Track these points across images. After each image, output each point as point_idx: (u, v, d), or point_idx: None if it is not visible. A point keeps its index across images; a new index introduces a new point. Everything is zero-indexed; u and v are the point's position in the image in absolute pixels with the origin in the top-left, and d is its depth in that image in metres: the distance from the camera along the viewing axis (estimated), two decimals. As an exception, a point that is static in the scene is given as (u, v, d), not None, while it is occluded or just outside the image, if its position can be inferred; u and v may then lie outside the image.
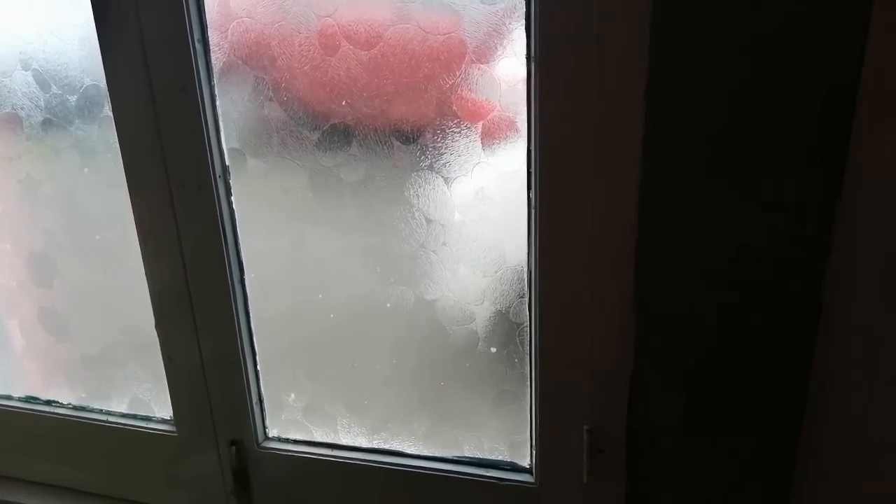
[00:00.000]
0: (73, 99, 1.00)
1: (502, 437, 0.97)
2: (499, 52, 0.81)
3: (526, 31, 0.78)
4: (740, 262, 0.76)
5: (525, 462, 0.96)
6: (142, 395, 1.14)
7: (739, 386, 0.81)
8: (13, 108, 1.04)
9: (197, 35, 0.88)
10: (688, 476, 0.86)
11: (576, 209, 0.80)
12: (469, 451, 0.99)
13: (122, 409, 1.15)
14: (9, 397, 1.22)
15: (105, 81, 0.94)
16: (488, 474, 0.96)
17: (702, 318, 0.80)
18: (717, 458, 0.85)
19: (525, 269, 0.88)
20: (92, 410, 1.17)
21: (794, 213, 0.73)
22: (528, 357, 0.91)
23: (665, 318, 0.81)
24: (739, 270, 0.77)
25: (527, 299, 0.89)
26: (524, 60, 0.79)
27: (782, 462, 0.82)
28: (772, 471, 0.83)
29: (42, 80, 1.01)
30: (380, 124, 0.87)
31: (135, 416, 1.14)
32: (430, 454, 1.00)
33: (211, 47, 0.90)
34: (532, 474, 0.95)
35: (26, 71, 1.01)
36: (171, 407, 1.09)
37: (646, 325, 0.82)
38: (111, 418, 1.14)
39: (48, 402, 1.20)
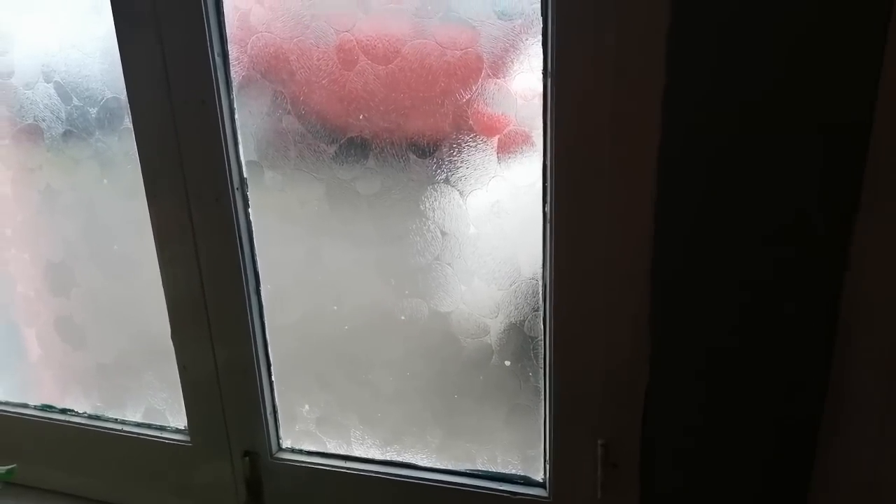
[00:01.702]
0: (93, 111, 1.01)
1: (516, 451, 0.97)
2: (515, 68, 0.82)
3: (543, 47, 0.78)
4: (756, 276, 0.76)
5: (538, 476, 0.96)
6: (157, 405, 1.14)
7: (755, 401, 0.81)
8: (35, 120, 1.05)
9: (217, 49, 0.89)
10: (702, 491, 0.86)
11: (591, 223, 0.80)
12: (482, 465, 0.99)
13: (137, 418, 1.16)
14: (25, 405, 1.23)
15: (125, 94, 0.95)
16: (501, 488, 0.96)
17: (718, 332, 0.80)
18: (732, 474, 0.84)
19: (540, 282, 0.88)
20: (107, 419, 1.18)
21: (811, 224, 0.73)
22: (543, 370, 0.91)
23: (680, 333, 0.81)
24: (755, 285, 0.77)
25: (541, 313, 0.89)
26: (541, 76, 0.80)
27: (798, 479, 0.82)
28: (788, 488, 0.82)
29: (63, 93, 1.02)
30: (396, 138, 0.88)
31: (149, 426, 1.15)
32: (443, 467, 1.00)
33: (230, 61, 0.91)
34: (545, 488, 0.95)
35: (48, 83, 1.03)
36: (185, 417, 1.09)
37: (660, 340, 0.82)
38: (126, 427, 1.15)
39: (64, 411, 1.21)
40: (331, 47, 0.87)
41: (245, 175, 0.95)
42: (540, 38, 0.79)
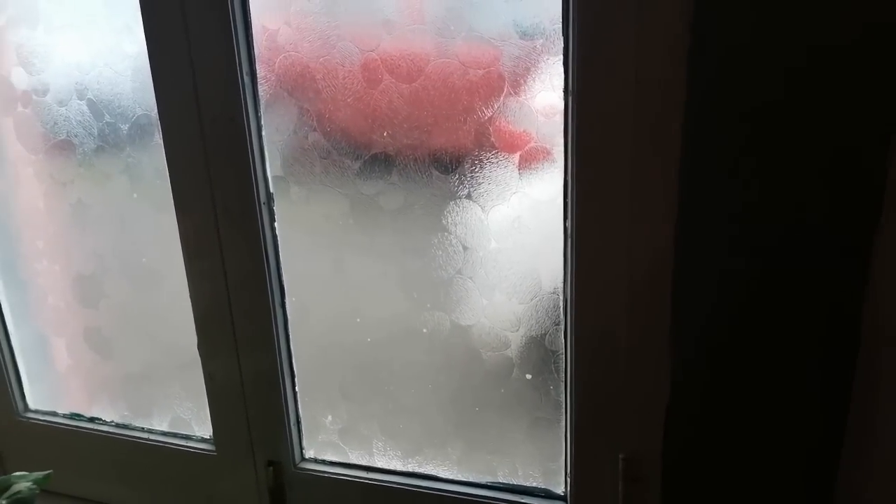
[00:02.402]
0: (125, 127, 1.04)
1: (537, 464, 0.97)
2: (536, 86, 0.83)
3: (564, 66, 0.80)
4: (780, 292, 0.77)
5: (559, 490, 0.96)
6: (183, 414, 1.16)
7: (778, 418, 0.81)
8: (68, 136, 1.09)
9: (245, 68, 0.92)
10: (724, 507, 0.86)
11: (612, 239, 0.81)
12: (503, 477, 1.00)
13: (164, 427, 1.18)
14: (54, 413, 1.26)
15: (156, 111, 0.98)
16: (522, 501, 0.96)
17: (739, 348, 0.80)
18: (755, 490, 0.84)
19: (561, 296, 0.89)
20: (134, 428, 1.20)
21: (833, 236, 0.74)
22: (564, 384, 0.92)
23: (702, 349, 0.81)
24: (778, 302, 0.77)
25: (562, 327, 0.90)
26: (562, 94, 0.81)
27: (822, 497, 0.82)
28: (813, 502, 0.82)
29: (96, 110, 1.05)
30: (419, 154, 0.90)
31: (175, 435, 1.17)
32: (464, 479, 1.01)
33: (258, 79, 0.93)
34: (566, 501, 0.95)
35: (81, 100, 1.06)
36: (210, 426, 1.11)
37: (682, 355, 0.82)
38: (153, 436, 1.17)
39: (92, 419, 1.23)
40: (356, 66, 0.89)
41: (271, 190, 0.97)
42: (561, 57, 0.80)
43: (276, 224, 0.99)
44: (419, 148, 0.90)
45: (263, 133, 0.95)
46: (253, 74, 0.93)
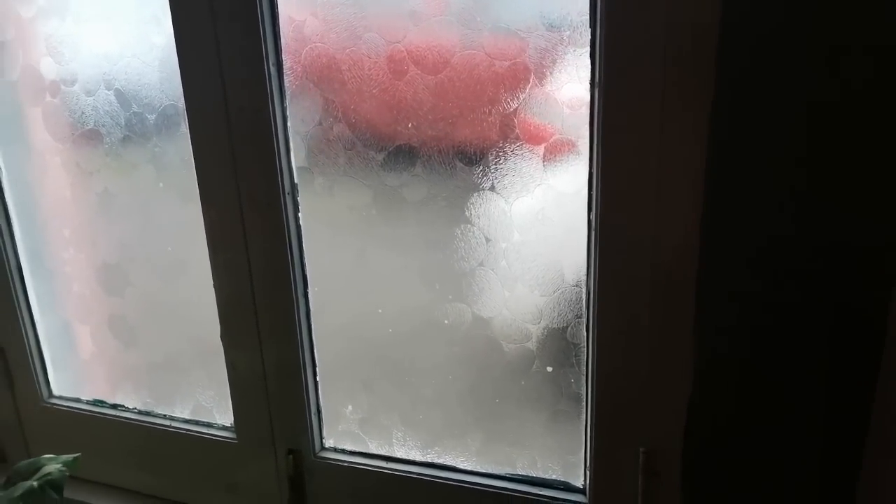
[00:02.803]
0: (151, 117, 1.05)
1: (556, 457, 0.98)
2: (562, 78, 0.83)
3: (591, 58, 0.80)
4: (803, 288, 0.76)
5: (578, 482, 0.97)
6: (205, 402, 1.18)
7: (800, 415, 0.81)
8: (95, 125, 1.10)
9: (272, 59, 0.92)
10: (745, 502, 0.86)
11: (636, 232, 0.81)
12: (522, 469, 1.00)
13: (186, 415, 1.20)
14: (78, 400, 1.28)
15: (183, 101, 0.99)
16: (541, 493, 0.97)
17: (763, 343, 0.80)
18: (775, 488, 0.84)
19: (583, 289, 0.89)
20: (156, 415, 1.21)
21: (864, 225, 0.73)
22: (585, 377, 0.92)
23: (725, 343, 0.81)
24: (803, 297, 0.77)
25: (584, 320, 0.90)
26: (588, 86, 0.81)
27: (845, 495, 0.81)
28: (833, 499, 0.82)
29: (123, 100, 1.06)
30: (444, 146, 0.90)
31: (197, 423, 1.18)
32: (483, 470, 1.02)
33: (284, 71, 0.94)
34: (585, 495, 0.95)
35: (109, 90, 1.07)
36: (232, 414, 1.12)
37: (705, 349, 0.82)
38: (175, 424, 1.19)
39: (115, 406, 1.25)
40: (382, 58, 0.89)
41: (296, 180, 0.98)
42: (588, 49, 0.80)
43: (299, 215, 1.00)
44: (443, 139, 0.90)
45: (289, 124, 0.96)
46: (279, 65, 0.94)
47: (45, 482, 0.74)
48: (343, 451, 1.09)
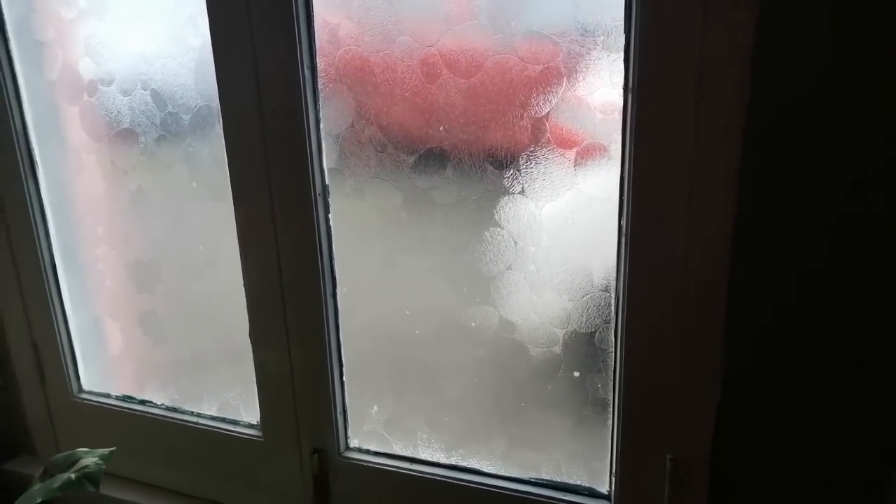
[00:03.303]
0: (186, 118, 1.07)
1: (581, 462, 0.97)
2: (595, 83, 0.83)
3: (624, 63, 0.80)
4: (835, 297, 0.76)
5: (604, 489, 0.96)
6: (231, 400, 1.19)
7: (831, 423, 0.80)
8: (131, 125, 1.12)
9: (307, 62, 0.93)
10: (774, 513, 0.85)
11: (667, 238, 0.81)
12: (547, 474, 1.00)
13: (213, 412, 1.21)
14: (107, 395, 1.30)
15: (217, 102, 1.01)
16: (566, 498, 0.96)
17: (794, 352, 0.79)
18: (804, 498, 0.83)
19: (612, 294, 0.89)
20: (184, 412, 1.23)
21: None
22: (612, 383, 0.92)
23: (755, 351, 0.81)
24: (837, 304, 0.76)
25: (613, 325, 0.90)
26: (621, 91, 0.81)
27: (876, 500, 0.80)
28: (864, 513, 0.81)
29: (159, 100, 1.08)
30: (475, 149, 0.91)
31: (224, 420, 1.20)
32: (508, 474, 1.02)
33: (318, 73, 0.95)
34: (611, 501, 0.95)
35: (145, 91, 1.09)
36: (258, 412, 1.13)
37: (735, 357, 0.82)
38: (202, 420, 1.20)
39: (143, 402, 1.27)
40: (415, 61, 0.90)
41: (327, 182, 0.99)
42: (622, 53, 0.80)
43: (329, 216, 1.00)
44: (474, 143, 0.90)
45: (321, 125, 0.97)
46: (313, 68, 0.95)
47: (82, 475, 0.76)
48: (367, 452, 1.10)
